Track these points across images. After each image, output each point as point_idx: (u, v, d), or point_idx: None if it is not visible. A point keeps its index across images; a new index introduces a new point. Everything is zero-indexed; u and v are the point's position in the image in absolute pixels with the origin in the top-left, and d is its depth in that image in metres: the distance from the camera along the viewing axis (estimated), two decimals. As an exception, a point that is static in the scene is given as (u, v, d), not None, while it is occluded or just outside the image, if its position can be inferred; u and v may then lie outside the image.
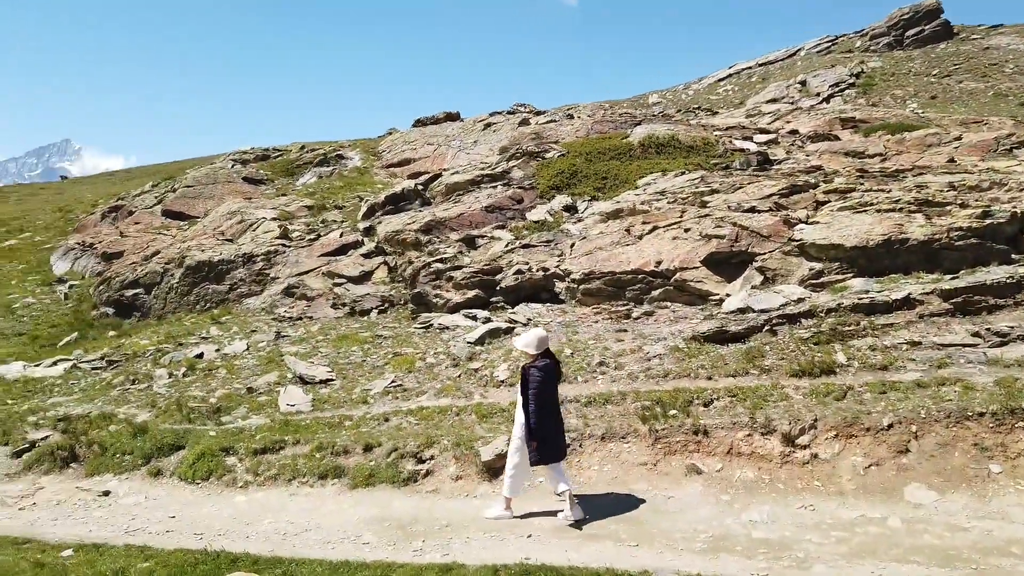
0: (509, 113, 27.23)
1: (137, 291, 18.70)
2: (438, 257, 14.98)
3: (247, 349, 13.46)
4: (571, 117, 24.40)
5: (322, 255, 17.26)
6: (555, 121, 23.84)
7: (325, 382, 11.34)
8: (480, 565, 6.03)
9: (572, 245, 14.28)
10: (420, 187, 19.03)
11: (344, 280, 16.08)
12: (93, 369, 13.75)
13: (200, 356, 13.27)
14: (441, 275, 14.48)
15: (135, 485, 9.01)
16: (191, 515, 7.94)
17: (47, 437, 10.24)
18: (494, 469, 8.34)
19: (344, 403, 10.60)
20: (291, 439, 9.30)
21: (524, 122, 24.36)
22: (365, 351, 12.66)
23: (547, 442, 7.09)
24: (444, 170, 20.78)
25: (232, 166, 27.25)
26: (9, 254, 25.85)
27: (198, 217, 23.63)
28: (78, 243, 24.23)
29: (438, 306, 14.09)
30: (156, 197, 26.04)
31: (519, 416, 7.24)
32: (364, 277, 16.07)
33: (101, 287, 19.78)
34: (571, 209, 16.34)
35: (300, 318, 15.56)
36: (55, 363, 14.67)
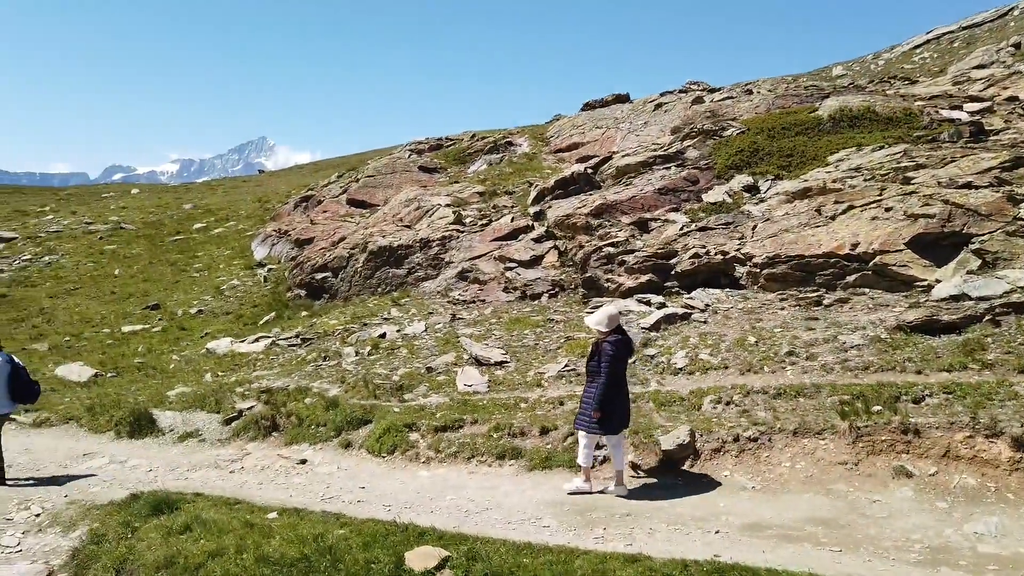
0: (681, 92, 26.25)
1: (326, 275, 20.01)
2: (609, 241, 14.70)
3: (425, 330, 13.94)
4: (749, 93, 23.07)
5: (494, 240, 17.53)
6: (732, 98, 22.63)
7: (500, 364, 11.47)
8: (668, 559, 5.74)
9: (754, 227, 13.45)
10: (589, 171, 18.80)
11: (515, 264, 16.22)
12: (290, 346, 14.85)
13: (383, 336, 13.91)
14: (612, 259, 14.20)
15: (328, 455, 9.56)
16: (379, 487, 8.28)
17: (252, 407, 11.14)
18: (675, 459, 8.01)
19: (519, 385, 10.65)
20: (469, 418, 9.47)
21: (698, 100, 23.35)
22: (537, 335, 12.68)
23: (612, 415, 7.34)
24: (613, 153, 20.38)
25: (409, 156, 28.47)
26: (218, 241, 28.71)
27: (378, 205, 24.88)
28: (275, 230, 26.37)
29: (609, 291, 13.83)
30: (341, 187, 27.75)
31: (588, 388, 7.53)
32: (535, 261, 16.12)
33: (294, 271, 21.38)
34: (752, 189, 15.40)
35: (473, 301, 15.91)
36: (257, 340, 16.02)
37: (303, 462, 9.40)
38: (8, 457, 9.55)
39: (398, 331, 14.14)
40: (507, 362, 11.52)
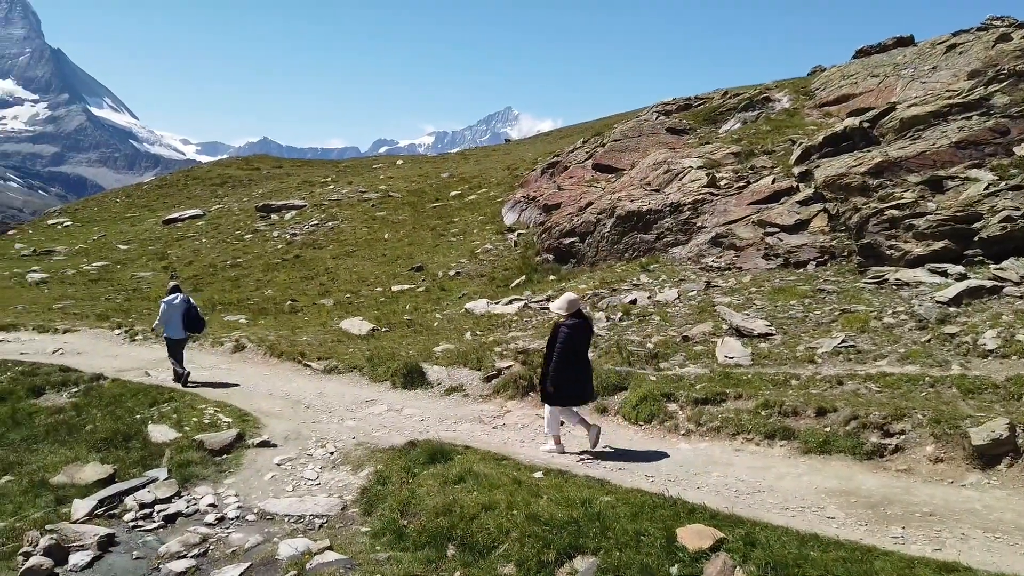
0: (979, 30, 22.42)
1: (573, 239, 20.19)
2: (892, 203, 13.00)
3: (678, 297, 13.45)
4: (1074, 24, 19.05)
5: (751, 203, 16.40)
6: (1049, 31, 18.84)
7: (764, 336, 10.68)
8: (996, 573, 4.85)
9: (1089, 184, 11.08)
10: (865, 124, 16.77)
11: (776, 229, 15.03)
12: (541, 309, 15.18)
13: (633, 302, 13.67)
14: (896, 223, 12.55)
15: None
16: (638, 455, 8.08)
17: (510, 367, 11.51)
18: (988, 456, 6.84)
19: (787, 360, 9.82)
20: (732, 392, 8.89)
21: (1003, 38, 19.76)
22: (806, 306, 11.62)
23: (563, 388, 8.00)
24: (894, 103, 17.99)
25: (656, 118, 27.68)
26: (472, 207, 30.31)
27: (624, 169, 24.53)
28: (523, 196, 27.19)
29: (892, 259, 12.27)
30: (587, 152, 27.79)
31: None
32: (799, 226, 14.80)
33: (542, 236, 21.86)
34: (1083, 139, 12.71)
35: (728, 268, 15.05)
36: (510, 302, 16.61)
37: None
38: (305, 398, 11.30)
39: (649, 298, 13.80)
40: (772, 334, 10.69)
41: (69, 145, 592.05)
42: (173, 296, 12.71)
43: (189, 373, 12.38)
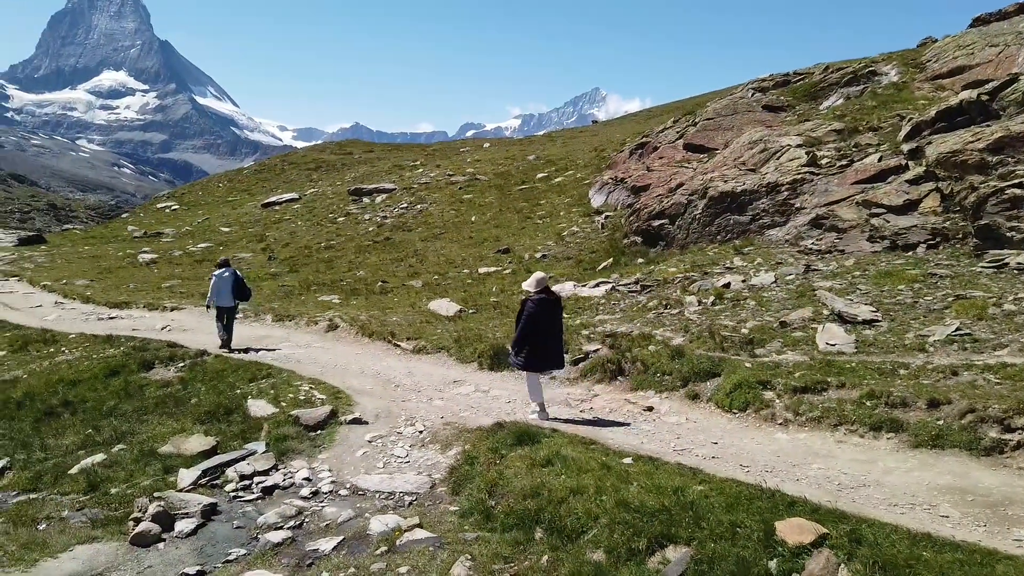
0: (1118, -10, 20.40)
1: (663, 222, 19.71)
2: (1014, 181, 12.02)
3: (774, 281, 12.90)
4: None
5: (855, 183, 15.52)
6: None
7: (869, 323, 10.09)
8: None
9: None
10: (984, 97, 15.55)
11: (883, 210, 14.18)
12: (629, 292, 14.89)
13: (727, 286, 13.21)
14: (1019, 203, 11.62)
15: (675, 405, 9.31)
16: (733, 444, 7.80)
17: (597, 350, 11.35)
18: None
19: (895, 348, 9.25)
20: (834, 381, 8.45)
21: None
22: (915, 291, 10.92)
23: (529, 355, 9.02)
24: (1016, 75, 16.60)
25: (751, 95, 26.62)
26: (558, 189, 30.11)
27: (717, 149, 23.74)
28: (611, 178, 26.76)
29: (1013, 241, 11.37)
30: (677, 132, 27.07)
31: None
32: (908, 207, 13.90)
33: (631, 218, 21.47)
34: None
35: (829, 251, 14.33)
36: (597, 285, 16.37)
37: (649, 409, 9.28)
38: (395, 378, 11.53)
39: (743, 281, 13.30)
40: (878, 321, 10.09)
41: (176, 133, 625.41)
42: (223, 270, 14.47)
43: (230, 340, 14.11)
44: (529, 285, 9.23)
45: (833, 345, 9.52)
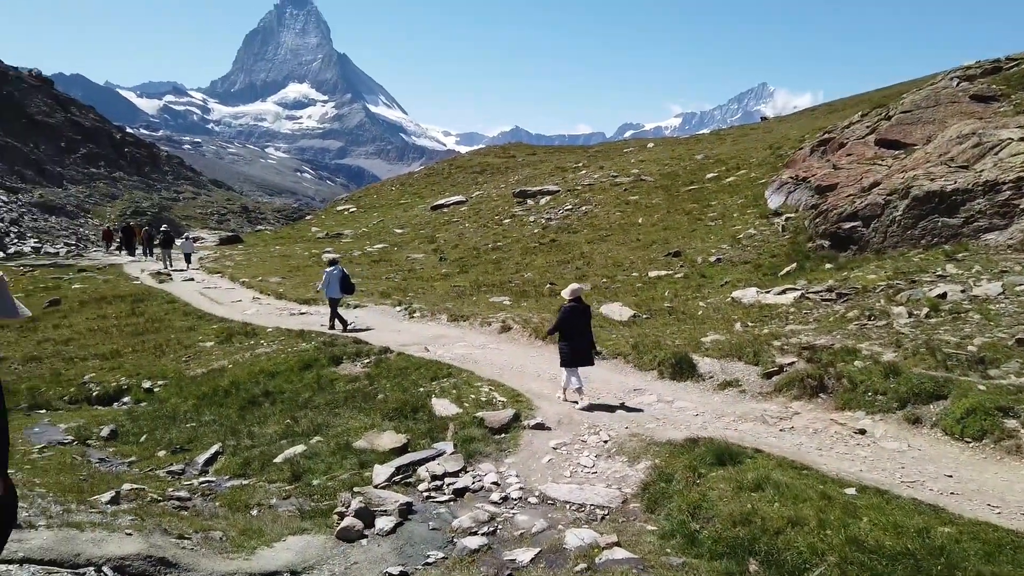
0: None
1: (855, 224, 18.14)
2: None
3: (1002, 292, 11.37)
4: None
5: (1100, 179, 13.39)
6: None
7: None
8: None
9: None
10: None
11: None
12: (822, 300, 13.76)
13: (942, 296, 11.81)
14: None
15: (891, 429, 8.34)
16: (972, 479, 6.81)
17: (793, 363, 10.48)
18: None
19: None
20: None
21: None
22: None
23: (563, 354, 10.33)
24: None
25: (956, 84, 23.96)
26: (729, 189, 28.73)
27: (915, 145, 21.57)
28: (790, 177, 25.10)
29: None
30: (868, 127, 24.91)
31: None
32: None
33: (816, 220, 19.96)
34: None
35: (1068, 259, 12.43)
36: (783, 291, 15.29)
37: (861, 432, 8.38)
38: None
39: (963, 291, 11.84)
40: None
41: (351, 140, 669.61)
42: (333, 268, 16.95)
43: (345, 324, 16.78)
44: (566, 294, 10.61)
45: (1092, 369, 8.14)
